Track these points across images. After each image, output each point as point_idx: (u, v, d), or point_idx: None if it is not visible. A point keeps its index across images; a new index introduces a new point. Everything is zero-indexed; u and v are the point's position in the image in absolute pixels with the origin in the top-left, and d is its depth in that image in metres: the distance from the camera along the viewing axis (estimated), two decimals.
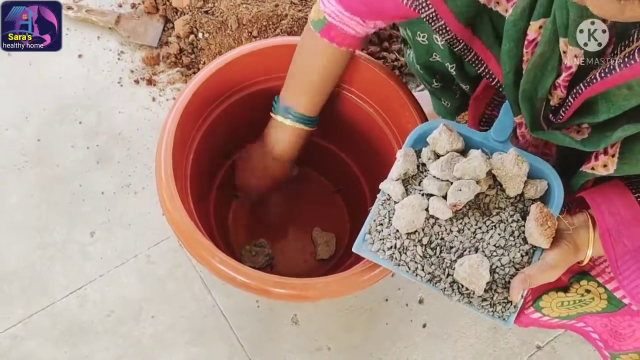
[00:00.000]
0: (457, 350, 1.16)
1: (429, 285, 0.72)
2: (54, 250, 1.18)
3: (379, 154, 1.05)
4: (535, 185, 0.74)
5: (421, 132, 0.79)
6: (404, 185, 0.75)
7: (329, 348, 1.14)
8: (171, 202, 0.80)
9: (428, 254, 0.72)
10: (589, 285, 0.78)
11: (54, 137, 1.28)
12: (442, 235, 0.73)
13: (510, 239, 0.72)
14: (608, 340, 0.84)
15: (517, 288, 0.69)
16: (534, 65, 0.64)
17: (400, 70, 1.38)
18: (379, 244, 0.74)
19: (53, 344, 1.11)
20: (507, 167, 0.72)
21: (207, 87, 0.92)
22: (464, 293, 0.71)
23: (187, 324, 1.14)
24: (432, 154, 0.76)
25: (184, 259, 1.18)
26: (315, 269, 1.16)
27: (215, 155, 1.08)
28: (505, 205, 0.74)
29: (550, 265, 0.69)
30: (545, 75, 0.64)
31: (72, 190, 1.23)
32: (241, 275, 0.77)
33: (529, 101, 0.68)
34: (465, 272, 0.69)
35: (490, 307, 0.71)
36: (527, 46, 0.65)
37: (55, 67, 1.34)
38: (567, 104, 0.65)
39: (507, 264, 0.71)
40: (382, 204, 0.76)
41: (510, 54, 0.66)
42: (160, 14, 1.39)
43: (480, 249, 0.72)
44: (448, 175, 0.73)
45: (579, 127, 0.67)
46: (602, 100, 0.61)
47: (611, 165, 0.65)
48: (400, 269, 0.73)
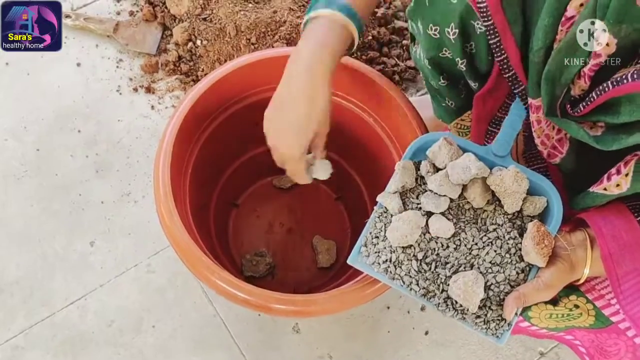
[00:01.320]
0: (460, 357, 1.16)
1: (423, 299, 0.72)
2: (54, 260, 1.18)
3: (379, 162, 1.04)
4: (534, 202, 0.73)
5: (421, 144, 0.78)
6: (401, 198, 0.75)
7: (330, 356, 1.14)
8: (170, 218, 0.79)
9: (423, 269, 0.72)
10: (577, 301, 0.77)
11: (53, 146, 1.27)
12: (438, 250, 0.72)
13: (506, 256, 0.71)
14: (594, 355, 0.84)
15: (511, 306, 0.68)
16: (565, 45, 0.61)
17: (400, 75, 1.38)
18: (374, 257, 0.74)
19: (54, 355, 1.10)
20: (506, 184, 0.71)
21: (206, 99, 0.92)
22: (457, 309, 0.70)
23: (188, 333, 1.14)
24: (431, 166, 0.75)
25: (184, 268, 1.15)
26: (317, 277, 1.15)
27: (215, 164, 1.08)
28: (503, 221, 0.73)
29: (546, 284, 0.68)
30: (575, 57, 0.61)
31: (72, 200, 1.23)
32: (242, 292, 0.76)
33: (551, 83, 0.65)
34: (460, 289, 0.68)
35: (484, 324, 0.70)
36: (564, 24, 0.61)
37: (53, 76, 1.34)
38: (590, 99, 0.62)
39: (502, 281, 0.70)
40: (378, 216, 0.75)
41: (546, 30, 0.63)
42: (159, 21, 1.39)
43: (476, 265, 0.72)
44: (446, 190, 0.72)
45: (594, 124, 0.65)
46: (626, 102, 0.59)
47: (624, 185, 0.64)
48: (394, 283, 0.73)
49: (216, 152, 1.02)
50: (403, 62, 1.39)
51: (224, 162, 1.12)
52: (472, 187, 0.73)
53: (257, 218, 1.19)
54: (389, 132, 1.00)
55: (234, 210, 1.19)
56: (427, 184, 0.75)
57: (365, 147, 1.06)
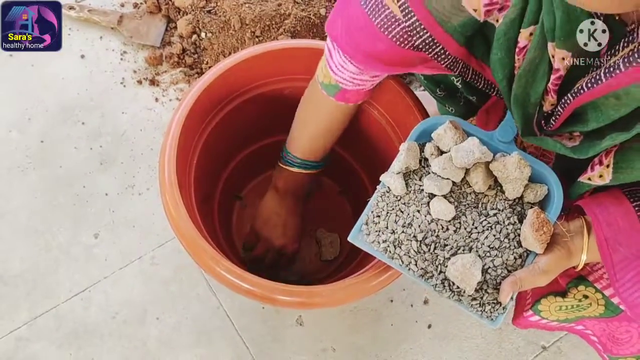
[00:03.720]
0: (463, 350, 1.16)
1: (420, 280, 0.72)
2: (58, 252, 1.18)
3: (384, 155, 1.04)
4: (536, 189, 0.74)
5: (426, 126, 0.78)
6: (404, 179, 0.75)
7: (334, 349, 1.14)
8: (176, 209, 0.79)
9: (422, 250, 0.72)
10: (586, 291, 0.78)
11: (57, 138, 1.27)
12: (438, 232, 0.73)
13: (505, 241, 0.72)
14: (606, 344, 0.84)
15: (507, 290, 0.69)
16: (525, 71, 0.64)
17: None
18: (374, 236, 0.74)
19: (58, 347, 1.11)
20: (508, 170, 0.72)
21: (210, 91, 0.92)
22: (454, 291, 0.71)
23: (192, 326, 1.14)
24: (435, 149, 0.76)
25: (189, 260, 1.16)
26: (320, 270, 1.15)
27: (219, 157, 1.08)
28: (503, 207, 0.74)
29: (542, 270, 0.69)
30: (537, 80, 0.64)
31: (76, 192, 1.23)
32: (246, 283, 0.76)
33: (521, 106, 0.68)
34: (458, 270, 0.69)
35: (480, 306, 0.71)
36: (519, 53, 0.65)
37: (57, 68, 1.34)
38: (557, 113, 0.65)
39: (499, 265, 0.71)
40: (381, 196, 0.76)
41: (502, 62, 0.67)
42: (163, 13, 1.39)
43: (475, 248, 0.72)
44: (449, 174, 0.72)
45: (571, 135, 0.68)
46: (591, 110, 0.61)
47: (607, 176, 0.65)
48: (393, 262, 0.73)
49: (221, 144, 1.02)
50: None
51: (228, 155, 1.12)
52: (475, 171, 0.73)
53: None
54: (394, 125, 1.00)
55: (238, 202, 1.19)
56: (430, 166, 0.75)
57: (370, 141, 1.06)
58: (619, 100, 0.57)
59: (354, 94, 0.86)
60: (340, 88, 0.84)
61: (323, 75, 0.85)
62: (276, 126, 1.11)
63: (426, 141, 0.78)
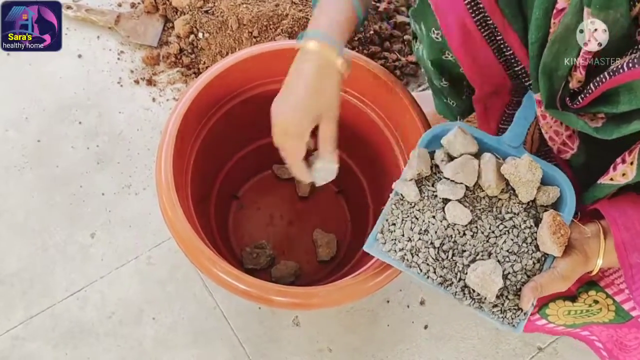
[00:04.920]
0: (459, 351, 1.16)
1: (439, 288, 0.71)
2: (54, 251, 1.18)
3: (381, 156, 1.04)
4: (548, 192, 0.73)
5: (435, 133, 0.78)
6: (417, 185, 0.75)
7: (330, 350, 1.14)
8: (172, 210, 0.79)
9: (440, 257, 0.71)
10: (597, 296, 0.77)
11: (54, 137, 1.27)
12: (455, 237, 0.72)
13: (523, 245, 0.71)
14: (612, 350, 0.84)
15: (528, 296, 0.68)
16: (558, 37, 0.61)
17: (402, 70, 1.37)
18: (390, 244, 0.74)
19: (54, 346, 1.11)
20: (520, 173, 0.71)
21: (208, 91, 0.92)
22: (475, 298, 0.70)
23: (188, 326, 1.14)
24: (445, 155, 0.75)
25: (185, 260, 1.17)
26: (317, 270, 1.15)
27: (216, 157, 1.07)
28: (518, 210, 0.73)
29: (562, 275, 0.68)
30: (569, 50, 0.62)
31: (73, 191, 1.23)
32: (243, 284, 0.76)
33: (548, 77, 0.65)
34: (478, 277, 0.68)
35: (501, 313, 0.70)
36: (555, 16, 0.62)
37: (55, 68, 1.34)
38: (588, 91, 0.63)
39: (519, 270, 0.70)
40: (394, 203, 0.75)
41: (538, 24, 0.64)
42: (160, 13, 1.38)
43: (493, 253, 0.71)
44: (462, 178, 0.72)
45: (594, 116, 0.66)
46: (624, 92, 0.59)
47: (630, 173, 0.64)
48: (411, 271, 0.72)
49: (218, 144, 1.02)
50: (404, 56, 1.39)
51: (226, 155, 1.12)
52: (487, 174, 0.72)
53: (258, 210, 1.19)
54: (391, 127, 1.00)
55: (235, 202, 1.19)
56: (442, 172, 0.75)
57: (367, 142, 1.06)
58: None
59: None
60: None
61: None
62: None
63: (435, 148, 0.77)
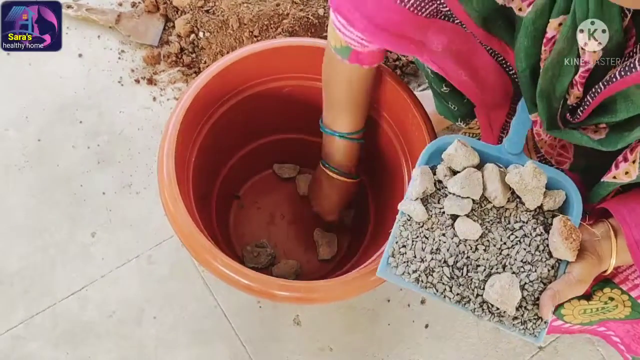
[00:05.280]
0: (460, 350, 1.16)
1: (458, 306, 0.70)
2: (55, 251, 1.18)
3: (382, 155, 1.04)
4: (554, 196, 0.72)
5: (434, 148, 0.76)
6: (423, 204, 0.73)
7: (331, 349, 1.14)
8: (174, 204, 0.79)
9: (455, 275, 0.70)
10: (612, 293, 0.77)
11: (54, 137, 1.27)
12: (468, 253, 0.70)
13: (536, 254, 0.70)
14: (630, 344, 0.83)
15: (548, 305, 0.67)
16: (551, 63, 0.62)
17: (402, 69, 1.38)
18: (403, 267, 0.71)
19: (54, 345, 1.10)
20: (525, 180, 0.70)
21: (209, 90, 0.92)
22: (494, 313, 0.69)
23: (189, 325, 1.14)
24: (447, 170, 0.74)
25: (186, 259, 1.18)
26: (318, 269, 1.16)
27: (218, 155, 1.08)
28: (527, 218, 0.72)
29: (578, 279, 0.67)
30: (563, 73, 0.63)
31: (73, 191, 1.23)
32: (244, 278, 0.76)
33: (546, 100, 0.66)
34: (497, 292, 0.67)
35: (522, 325, 0.69)
36: (546, 44, 0.63)
37: (55, 67, 1.34)
38: (586, 103, 0.63)
39: (535, 280, 0.69)
40: (402, 225, 0.73)
41: (527, 52, 0.64)
42: (161, 12, 1.39)
43: (508, 265, 0.70)
44: (468, 192, 0.70)
45: (597, 127, 0.66)
46: (621, 99, 0.59)
47: (633, 172, 0.64)
48: (427, 292, 0.70)
49: (218, 143, 1.02)
50: (404, 56, 1.39)
51: (226, 153, 1.12)
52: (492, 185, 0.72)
53: (259, 209, 1.19)
54: (392, 125, 1.00)
55: (236, 201, 1.19)
56: (446, 187, 0.73)
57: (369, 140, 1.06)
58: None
59: (366, 55, 0.82)
60: (352, 50, 0.81)
61: (334, 40, 0.82)
62: (274, 125, 1.11)
63: (435, 163, 0.76)
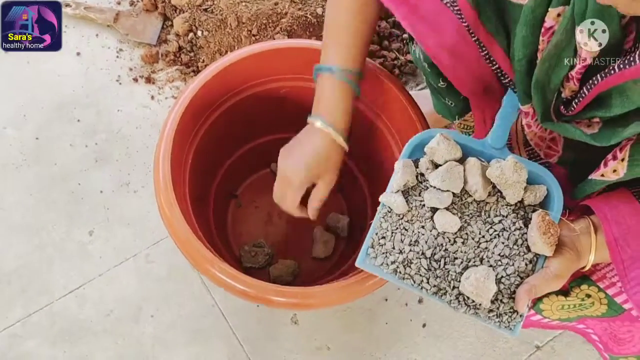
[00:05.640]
0: (457, 350, 1.16)
1: (434, 297, 0.71)
2: (52, 249, 1.18)
3: (379, 155, 1.04)
4: (535, 191, 0.73)
5: (418, 141, 0.77)
6: (404, 196, 0.74)
7: (328, 348, 1.15)
8: (170, 209, 0.79)
9: (433, 267, 0.71)
10: (589, 290, 0.77)
11: (52, 135, 1.27)
12: (446, 246, 0.72)
13: (514, 248, 0.71)
14: (608, 343, 0.84)
15: (523, 299, 0.68)
16: (549, 54, 0.62)
17: (400, 69, 1.38)
18: (382, 258, 0.73)
19: (52, 344, 1.11)
20: (506, 175, 0.71)
21: (207, 89, 0.92)
22: (470, 305, 0.70)
23: (186, 324, 1.14)
24: (430, 163, 0.75)
25: (183, 259, 1.16)
26: (316, 269, 1.15)
27: (215, 156, 1.07)
28: (507, 212, 0.73)
29: (555, 274, 0.68)
30: (560, 66, 0.63)
31: (71, 189, 1.23)
32: (241, 284, 0.76)
33: (541, 92, 0.66)
34: (472, 285, 0.68)
35: (497, 317, 0.70)
36: (544, 34, 0.63)
37: (53, 65, 1.34)
38: (581, 96, 0.63)
39: (512, 273, 0.70)
40: (383, 217, 0.74)
41: (525, 41, 0.64)
42: (159, 11, 1.38)
43: (485, 258, 0.71)
44: (449, 185, 0.72)
45: (590, 121, 0.66)
46: (616, 94, 0.59)
47: (621, 170, 0.64)
48: (405, 283, 0.72)
49: (216, 142, 1.02)
50: (403, 55, 1.39)
51: (224, 153, 1.12)
52: (473, 179, 0.72)
53: (256, 209, 1.19)
54: (389, 125, 1.00)
55: (233, 201, 1.19)
56: (428, 180, 0.74)
57: (366, 141, 1.06)
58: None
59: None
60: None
61: None
62: (272, 125, 1.11)
63: (419, 157, 0.77)
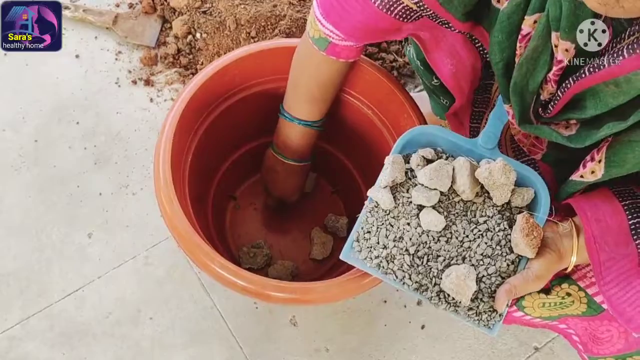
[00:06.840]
0: (456, 351, 1.16)
1: (416, 293, 0.72)
2: (51, 251, 1.18)
3: (377, 155, 1.04)
4: (522, 194, 0.74)
5: (410, 137, 0.78)
6: (392, 192, 0.75)
7: (327, 349, 1.14)
8: (170, 206, 0.80)
9: (415, 263, 0.72)
10: (569, 289, 0.78)
11: (51, 138, 1.27)
12: (430, 244, 0.72)
13: (497, 248, 0.72)
14: (587, 343, 0.85)
15: (503, 299, 0.69)
16: (526, 59, 0.64)
17: (399, 71, 1.38)
18: (366, 252, 0.74)
19: (51, 346, 1.10)
20: (494, 176, 0.71)
21: (205, 90, 0.92)
22: (450, 302, 0.71)
23: (185, 326, 1.14)
24: (421, 159, 0.76)
25: (182, 260, 1.18)
26: (314, 270, 1.16)
27: (213, 157, 1.08)
28: (493, 213, 0.74)
29: (536, 275, 0.69)
30: (537, 69, 0.64)
31: (70, 191, 1.23)
32: (241, 280, 0.76)
33: (519, 95, 0.68)
34: (453, 282, 0.69)
35: (476, 316, 0.71)
36: (521, 40, 0.64)
37: (52, 68, 1.34)
38: (556, 98, 0.65)
39: (493, 273, 0.71)
40: (370, 211, 0.75)
41: (501, 46, 0.66)
42: (158, 14, 1.39)
43: (467, 257, 0.72)
44: (436, 184, 0.72)
45: (567, 123, 0.68)
46: (590, 96, 0.61)
47: (599, 171, 0.65)
48: (387, 278, 0.73)
49: (215, 143, 1.03)
50: (401, 57, 1.39)
51: (223, 154, 1.12)
52: (461, 179, 0.73)
53: (255, 210, 1.19)
54: (388, 125, 1.00)
55: (232, 202, 1.19)
56: (417, 177, 0.75)
57: (364, 141, 1.06)
58: (619, 87, 0.57)
59: (343, 49, 0.84)
60: (330, 42, 0.82)
61: (313, 30, 0.83)
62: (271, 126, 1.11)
63: (411, 152, 0.77)
